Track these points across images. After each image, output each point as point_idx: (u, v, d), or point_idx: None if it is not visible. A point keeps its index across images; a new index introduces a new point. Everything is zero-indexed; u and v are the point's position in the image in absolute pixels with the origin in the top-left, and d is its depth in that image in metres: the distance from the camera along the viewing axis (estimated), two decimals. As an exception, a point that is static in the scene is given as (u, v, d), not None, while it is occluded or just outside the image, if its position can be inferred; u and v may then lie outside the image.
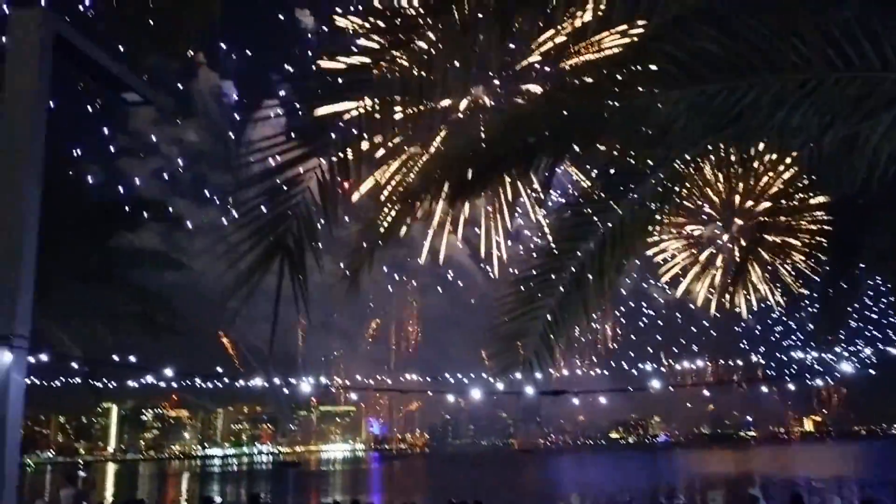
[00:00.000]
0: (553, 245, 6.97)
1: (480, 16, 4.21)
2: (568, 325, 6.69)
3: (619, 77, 6.01)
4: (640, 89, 6.22)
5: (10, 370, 6.52)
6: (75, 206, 23.87)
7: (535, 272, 6.95)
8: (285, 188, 4.10)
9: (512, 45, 5.06)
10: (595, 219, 6.76)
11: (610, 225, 6.71)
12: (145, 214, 23.30)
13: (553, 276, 6.75)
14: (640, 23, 5.87)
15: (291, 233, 4.06)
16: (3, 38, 7.45)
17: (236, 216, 4.18)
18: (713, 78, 5.76)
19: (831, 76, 5.44)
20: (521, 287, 6.92)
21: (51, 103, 7.87)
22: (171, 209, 25.93)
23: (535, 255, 7.13)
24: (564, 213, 7.01)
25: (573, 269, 6.74)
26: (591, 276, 6.70)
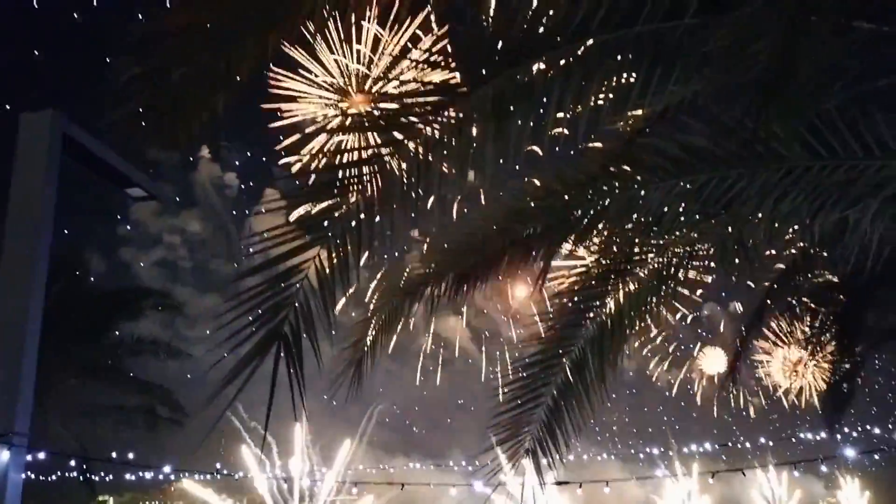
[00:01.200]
0: (553, 331, 7.02)
1: (475, 115, 4.40)
2: (570, 412, 6.67)
3: (611, 170, 6.19)
4: (631, 180, 6.42)
5: (8, 468, 6.47)
6: (77, 298, 24.00)
7: (536, 359, 6.98)
8: (284, 277, 4.20)
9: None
10: (593, 305, 6.84)
11: (609, 310, 6.79)
12: (147, 303, 23.32)
13: (554, 363, 6.78)
14: (630, 116, 6.09)
15: (289, 321, 4.14)
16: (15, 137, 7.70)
17: (235, 304, 4.25)
18: (702, 168, 5.93)
19: (815, 164, 5.60)
20: (524, 374, 6.94)
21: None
22: (172, 297, 25.88)
23: (536, 342, 7.17)
24: (563, 301, 7.09)
25: (573, 356, 6.78)
26: (591, 362, 6.73)
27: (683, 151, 5.94)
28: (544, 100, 4.55)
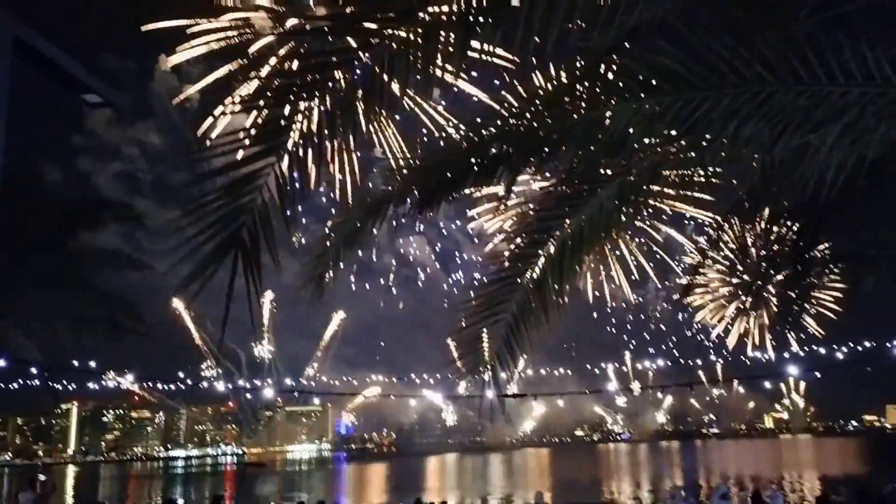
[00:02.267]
0: (514, 249, 7.09)
1: (443, 20, 4.29)
2: (529, 328, 6.82)
3: (577, 90, 6.16)
4: (598, 100, 6.39)
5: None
6: (34, 206, 23.52)
7: (496, 276, 7.08)
8: (242, 184, 4.14)
9: (473, 54, 5.13)
10: (555, 224, 6.91)
11: (569, 230, 6.86)
12: (106, 214, 22.98)
13: (515, 280, 6.87)
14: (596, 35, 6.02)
15: (247, 228, 4.10)
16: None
17: (192, 210, 4.18)
18: (668, 90, 5.92)
19: (780, 89, 5.63)
20: (484, 291, 7.04)
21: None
22: (132, 208, 25.52)
23: (496, 259, 7.25)
24: (525, 219, 7.14)
25: (534, 273, 6.88)
26: (550, 280, 6.84)
27: (650, 72, 5.92)
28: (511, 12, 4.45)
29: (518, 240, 7.14)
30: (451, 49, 4.61)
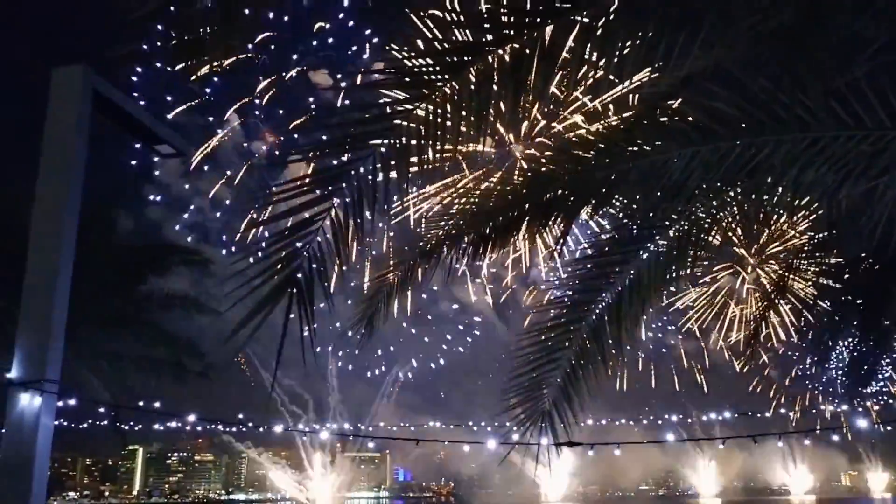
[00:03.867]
0: (572, 297, 7.05)
1: (496, 71, 4.38)
2: (587, 377, 6.73)
3: (634, 135, 6.16)
4: (655, 145, 6.38)
5: (40, 414, 6.71)
6: (106, 250, 24.49)
7: (553, 324, 7.03)
8: (299, 228, 4.28)
9: (526, 104, 5.23)
10: (613, 271, 6.85)
11: (627, 278, 6.79)
12: (174, 258, 23.78)
13: (572, 328, 6.82)
14: (653, 80, 6.03)
15: (302, 270, 4.23)
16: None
17: (251, 253, 4.35)
18: (726, 136, 5.88)
19: (842, 134, 5.53)
20: (541, 338, 7.00)
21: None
22: (199, 253, 26.34)
23: (553, 307, 7.21)
24: (582, 266, 7.10)
25: (591, 321, 6.81)
26: (608, 328, 6.76)
27: (707, 118, 5.90)
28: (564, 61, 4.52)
29: (575, 285, 7.10)
30: (502, 102, 4.71)
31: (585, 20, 4.46)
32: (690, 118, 6.08)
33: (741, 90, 5.78)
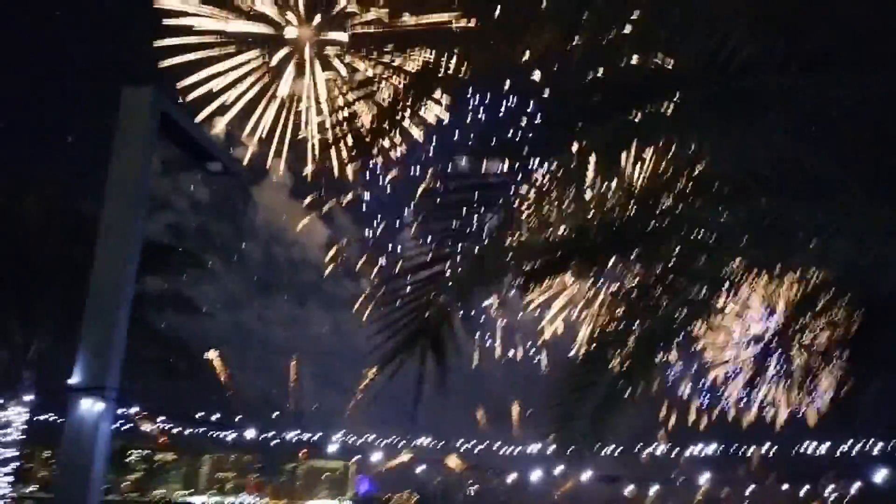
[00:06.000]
0: (605, 333, 7.53)
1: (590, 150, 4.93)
2: (618, 411, 7.22)
3: (679, 189, 6.70)
4: (693, 199, 6.94)
5: (101, 419, 7.05)
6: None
7: (587, 357, 7.51)
8: (428, 282, 4.80)
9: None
10: (643, 314, 7.36)
11: (658, 321, 7.31)
12: (173, 257, 23.99)
13: (605, 363, 7.29)
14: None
15: (431, 320, 4.74)
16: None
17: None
18: (762, 194, 6.42)
19: (868, 203, 6.10)
20: (576, 370, 7.47)
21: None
22: (198, 257, 26.69)
23: (586, 341, 7.70)
24: (617, 306, 7.60)
25: (623, 359, 7.30)
26: (638, 367, 7.27)
27: (748, 177, 6.44)
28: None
29: (608, 325, 7.58)
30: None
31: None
32: (728, 176, 6.62)
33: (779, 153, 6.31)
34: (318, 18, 52.96)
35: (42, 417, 25.57)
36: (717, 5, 4.74)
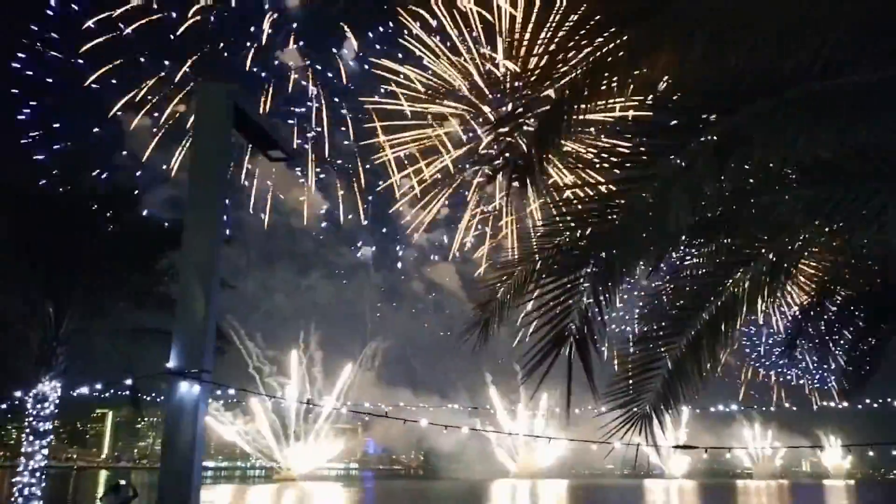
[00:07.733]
0: (673, 310, 7.86)
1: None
2: (684, 386, 7.58)
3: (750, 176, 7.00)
4: (762, 188, 7.24)
5: (200, 400, 7.45)
6: (128, 226, 25.13)
7: (654, 334, 7.85)
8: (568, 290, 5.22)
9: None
10: (714, 288, 7.70)
11: (722, 300, 7.66)
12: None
13: (672, 339, 7.63)
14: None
15: (575, 324, 5.16)
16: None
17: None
18: (828, 180, 6.72)
19: None
20: (641, 346, 7.80)
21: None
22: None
23: (653, 320, 8.02)
24: (683, 285, 7.92)
25: (690, 336, 7.64)
26: (704, 343, 7.63)
27: (814, 163, 6.74)
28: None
29: (676, 303, 7.91)
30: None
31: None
32: (799, 163, 6.91)
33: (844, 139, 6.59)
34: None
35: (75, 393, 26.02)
36: (819, 7, 4.97)
